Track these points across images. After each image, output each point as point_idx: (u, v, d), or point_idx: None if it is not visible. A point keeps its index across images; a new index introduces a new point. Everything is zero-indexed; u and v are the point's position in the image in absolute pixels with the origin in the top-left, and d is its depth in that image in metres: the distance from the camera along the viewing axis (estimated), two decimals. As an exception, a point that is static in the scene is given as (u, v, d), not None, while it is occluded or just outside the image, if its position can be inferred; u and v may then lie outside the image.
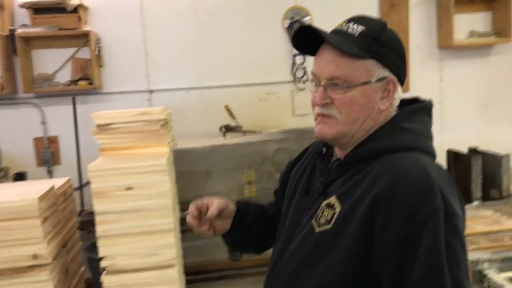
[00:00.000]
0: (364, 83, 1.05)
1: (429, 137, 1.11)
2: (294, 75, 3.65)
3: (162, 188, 2.12)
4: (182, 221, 2.93)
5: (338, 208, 1.05)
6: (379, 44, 1.05)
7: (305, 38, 1.10)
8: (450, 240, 0.94)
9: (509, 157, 2.55)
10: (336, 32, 1.09)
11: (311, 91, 1.14)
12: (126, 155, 2.24)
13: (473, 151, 2.82)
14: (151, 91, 3.57)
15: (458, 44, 3.65)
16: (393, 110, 1.11)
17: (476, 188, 2.56)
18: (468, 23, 3.79)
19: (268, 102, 3.68)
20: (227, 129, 3.34)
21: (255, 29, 3.60)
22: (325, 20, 3.47)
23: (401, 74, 1.10)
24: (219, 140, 3.24)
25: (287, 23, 3.61)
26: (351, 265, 1.00)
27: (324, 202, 1.09)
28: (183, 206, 3.04)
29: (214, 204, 1.25)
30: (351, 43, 1.04)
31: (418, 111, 1.11)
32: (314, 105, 1.11)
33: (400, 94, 1.11)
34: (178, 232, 2.38)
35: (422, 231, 0.93)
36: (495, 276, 1.80)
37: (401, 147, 1.05)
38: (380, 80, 1.06)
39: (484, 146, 3.31)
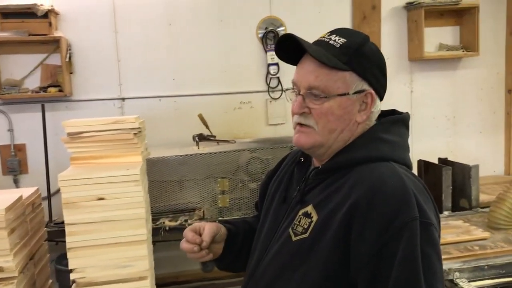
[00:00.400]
0: (341, 95, 1.06)
1: (405, 148, 1.13)
2: (268, 84, 3.66)
3: (135, 198, 2.07)
4: (155, 231, 2.91)
5: (315, 217, 1.05)
6: (359, 56, 1.07)
7: (288, 48, 1.11)
8: (426, 249, 0.95)
9: (478, 167, 2.61)
10: (318, 43, 1.11)
11: (290, 100, 1.15)
12: (98, 165, 2.19)
13: (443, 162, 2.88)
14: (123, 99, 3.51)
15: (428, 57, 3.74)
16: (371, 123, 1.12)
17: (447, 198, 2.61)
18: (437, 37, 3.89)
19: (242, 111, 3.68)
20: (201, 138, 3.31)
21: (229, 39, 3.60)
22: (299, 31, 3.44)
23: (380, 88, 1.11)
24: (192, 149, 3.21)
25: (261, 33, 3.62)
26: (328, 274, 1.00)
27: (301, 211, 1.09)
28: (156, 216, 3.01)
29: (206, 229, 1.21)
30: (332, 55, 1.06)
31: (395, 122, 1.13)
32: (293, 113, 1.12)
33: (378, 108, 1.13)
34: (151, 244, 2.34)
35: (398, 240, 0.94)
36: (466, 285, 1.83)
37: (378, 157, 1.06)
38: (358, 92, 1.07)
39: (453, 156, 3.39)
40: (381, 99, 1.12)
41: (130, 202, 2.07)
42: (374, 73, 1.09)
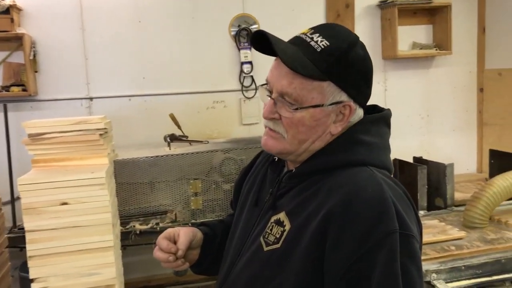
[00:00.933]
0: (315, 106, 0.96)
1: (386, 149, 1.05)
2: (242, 83, 3.59)
3: (101, 202, 1.99)
4: (125, 235, 2.81)
5: (287, 226, 0.98)
6: (341, 65, 0.96)
7: (265, 41, 0.98)
8: (406, 264, 0.88)
9: (453, 166, 2.59)
10: (297, 41, 0.99)
11: (261, 97, 1.06)
12: (61, 168, 2.09)
13: (418, 160, 2.86)
14: (91, 99, 3.39)
15: (402, 55, 3.73)
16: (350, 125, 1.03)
17: (422, 198, 2.58)
18: (411, 35, 3.89)
19: (215, 111, 3.60)
20: (172, 138, 3.22)
21: (201, 36, 3.51)
22: (273, 29, 3.40)
23: (361, 98, 1.01)
24: (164, 150, 3.12)
25: (234, 31, 3.55)
26: (302, 286, 0.93)
27: (273, 218, 1.02)
28: (126, 220, 2.90)
29: (182, 236, 1.12)
30: (310, 60, 0.95)
31: (375, 122, 1.05)
32: (263, 116, 1.04)
33: (359, 116, 1.03)
34: (118, 249, 2.24)
35: (376, 255, 0.87)
36: (443, 286, 1.80)
37: (357, 162, 0.98)
38: (335, 103, 0.98)
39: (426, 155, 3.38)
40: (363, 107, 1.03)
41: (96, 207, 1.99)
42: (356, 83, 0.99)
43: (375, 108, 1.11)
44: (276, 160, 1.13)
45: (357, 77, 0.99)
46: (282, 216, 1.00)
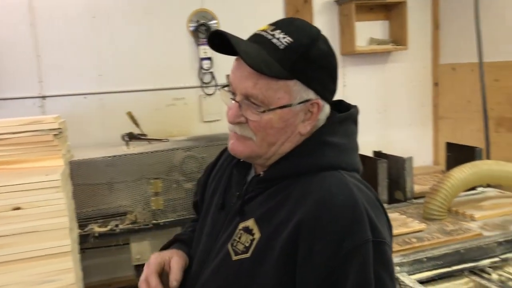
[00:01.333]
0: (283, 107, 0.93)
1: (354, 150, 1.04)
2: (201, 80, 3.54)
3: (57, 206, 1.90)
4: (83, 238, 2.71)
5: (257, 234, 0.94)
6: (306, 61, 0.93)
7: (223, 40, 0.94)
8: (379, 273, 0.87)
9: (411, 159, 2.64)
10: (258, 39, 0.95)
11: (224, 101, 1.01)
12: (12, 170, 1.98)
13: (378, 155, 2.90)
14: (43, 97, 3.25)
15: (360, 51, 3.78)
16: (315, 128, 1.01)
17: (383, 191, 2.61)
18: (368, 31, 3.94)
19: (175, 108, 3.53)
20: (130, 137, 3.14)
21: (159, 32, 3.43)
22: (232, 24, 3.42)
23: (328, 95, 0.99)
24: (122, 150, 3.03)
25: (192, 26, 3.49)
26: None
27: (241, 225, 0.98)
28: (84, 222, 2.80)
29: (174, 265, 1.05)
30: (273, 59, 0.91)
31: (343, 121, 1.03)
32: (228, 121, 0.99)
33: (326, 113, 1.01)
34: (77, 254, 2.15)
35: (349, 265, 0.85)
36: (406, 279, 1.82)
37: (325, 166, 0.96)
38: (303, 102, 0.95)
39: (384, 149, 3.44)
40: (329, 103, 1.02)
41: (51, 211, 1.90)
42: (322, 80, 0.96)
43: (341, 104, 1.09)
44: (241, 160, 1.09)
45: (322, 73, 0.96)
46: (251, 223, 0.96)
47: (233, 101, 0.97)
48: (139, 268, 3.10)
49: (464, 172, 2.28)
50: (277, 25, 0.96)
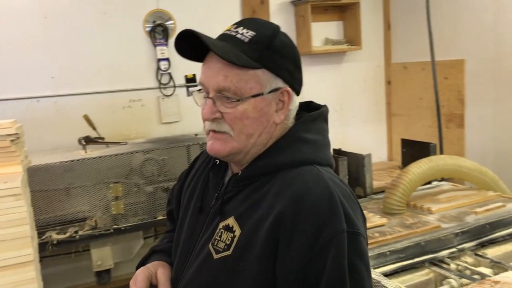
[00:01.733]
0: (255, 96, 0.97)
1: (327, 146, 1.07)
2: (159, 81, 3.49)
3: (17, 214, 1.82)
4: (41, 246, 2.61)
5: (237, 231, 0.95)
6: (271, 51, 0.98)
7: (190, 43, 0.98)
8: (354, 262, 0.90)
9: (370, 156, 2.73)
10: (224, 37, 0.99)
11: (198, 103, 1.03)
12: (-33, 179, 1.89)
13: (338, 152, 2.96)
14: (-7, 101, 3.11)
15: (316, 51, 3.84)
16: (290, 121, 1.05)
17: (344, 188, 2.68)
18: (323, 31, 4.02)
19: (132, 110, 3.47)
20: (87, 141, 3.05)
21: (114, 32, 3.36)
22: (189, 25, 3.35)
23: (296, 84, 1.03)
24: (79, 154, 2.94)
25: (148, 26, 3.44)
26: None
27: (222, 224, 0.99)
28: (41, 230, 2.70)
29: (161, 277, 1.06)
30: (241, 51, 0.95)
31: (315, 119, 1.07)
32: (203, 119, 1.00)
33: (296, 104, 1.06)
34: (38, 263, 2.08)
35: (325, 256, 0.88)
36: (372, 273, 1.88)
37: (301, 161, 0.99)
38: (274, 91, 0.99)
39: (342, 146, 3.52)
40: (297, 94, 1.05)
41: (12, 220, 1.82)
42: (288, 68, 1.00)
43: (311, 105, 1.13)
44: (217, 163, 1.10)
45: (287, 62, 1.01)
46: (231, 221, 0.97)
47: (206, 99, 0.99)
48: (101, 274, 3.02)
49: (421, 167, 2.37)
50: (239, 23, 1.01)
